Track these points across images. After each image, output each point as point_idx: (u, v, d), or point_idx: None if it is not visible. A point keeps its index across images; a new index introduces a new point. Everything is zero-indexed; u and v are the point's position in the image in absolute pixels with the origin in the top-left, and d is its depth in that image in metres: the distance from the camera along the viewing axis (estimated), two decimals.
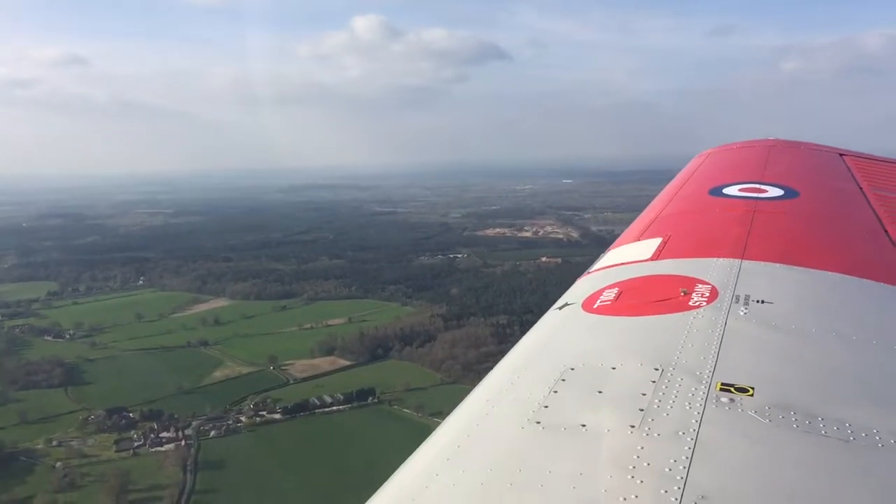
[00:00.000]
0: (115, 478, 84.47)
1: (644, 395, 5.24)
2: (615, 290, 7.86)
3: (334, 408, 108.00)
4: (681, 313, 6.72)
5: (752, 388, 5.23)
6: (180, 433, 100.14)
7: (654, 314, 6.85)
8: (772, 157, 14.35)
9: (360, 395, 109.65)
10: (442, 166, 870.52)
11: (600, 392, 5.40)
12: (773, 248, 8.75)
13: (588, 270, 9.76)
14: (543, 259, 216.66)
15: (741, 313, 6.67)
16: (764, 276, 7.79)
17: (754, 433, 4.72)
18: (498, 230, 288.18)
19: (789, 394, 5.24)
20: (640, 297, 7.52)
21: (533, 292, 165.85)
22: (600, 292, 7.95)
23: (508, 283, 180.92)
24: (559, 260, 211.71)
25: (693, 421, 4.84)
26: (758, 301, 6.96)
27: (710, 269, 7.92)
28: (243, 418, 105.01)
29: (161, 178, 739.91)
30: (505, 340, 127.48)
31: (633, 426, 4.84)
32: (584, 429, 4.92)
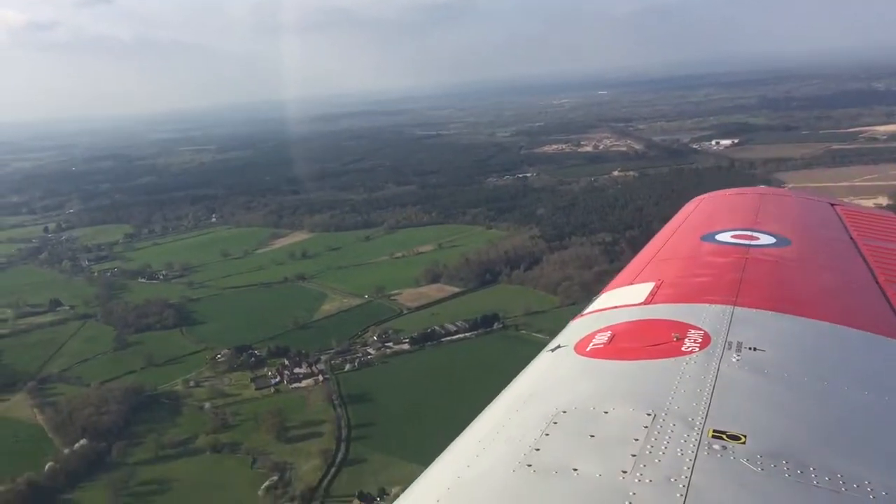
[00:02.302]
0: (270, 416, 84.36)
1: (636, 440, 5.24)
2: (608, 334, 7.87)
3: (460, 335, 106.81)
4: (673, 358, 6.74)
5: (745, 436, 5.22)
6: (313, 368, 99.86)
7: (646, 358, 6.87)
8: (764, 205, 14.34)
9: (485, 322, 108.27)
10: (470, 86, 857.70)
11: (592, 436, 5.41)
12: (765, 295, 8.72)
13: (581, 313, 9.62)
14: (616, 173, 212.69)
15: (734, 360, 6.68)
16: (756, 324, 7.76)
17: (746, 482, 4.72)
18: (556, 146, 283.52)
19: (781, 443, 5.22)
20: (632, 341, 7.54)
21: (623, 208, 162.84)
22: (593, 335, 7.95)
23: (593, 199, 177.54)
24: (634, 173, 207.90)
25: (685, 468, 4.84)
26: (750, 348, 6.94)
27: (703, 315, 7.92)
28: (371, 350, 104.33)
29: (188, 114, 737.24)
30: (616, 259, 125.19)
31: (624, 471, 4.85)
32: (575, 473, 4.93)
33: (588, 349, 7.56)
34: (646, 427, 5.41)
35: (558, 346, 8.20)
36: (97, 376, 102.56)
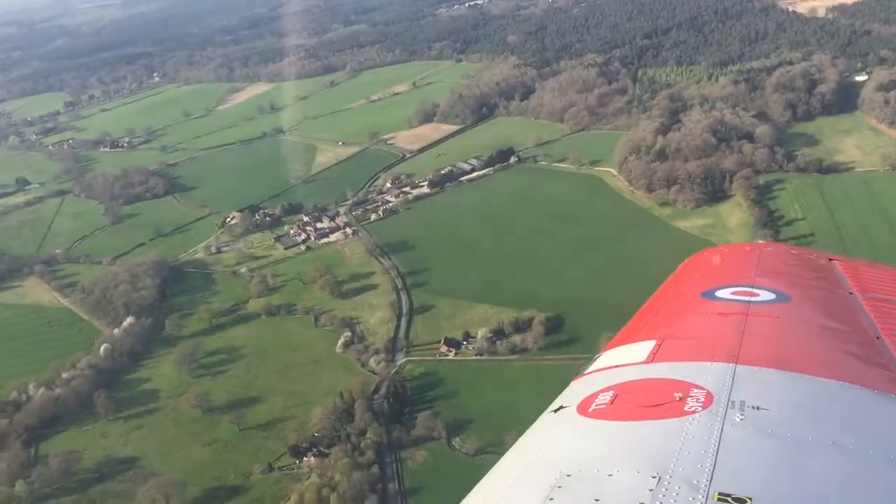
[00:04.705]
0: (318, 273, 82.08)
1: None
2: (610, 394, 7.81)
3: (477, 173, 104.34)
4: (677, 419, 6.68)
5: (750, 499, 5.18)
6: (337, 222, 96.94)
7: (649, 419, 6.80)
8: (763, 261, 14.21)
9: (501, 157, 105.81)
10: None
11: (597, 500, 5.36)
12: (766, 352, 8.58)
13: (582, 372, 9.54)
14: None
15: (737, 419, 6.61)
16: (758, 382, 7.67)
17: None
18: None
19: None
20: (635, 401, 7.50)
21: (597, 27, 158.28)
22: (595, 395, 7.89)
23: (561, 21, 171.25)
24: None
25: None
26: (753, 407, 6.88)
27: (705, 374, 7.82)
28: (390, 198, 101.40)
29: None
30: (614, 79, 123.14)
31: None
32: None
33: (591, 410, 7.47)
34: (651, 490, 5.34)
35: (560, 407, 8.00)
36: (104, 252, 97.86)
